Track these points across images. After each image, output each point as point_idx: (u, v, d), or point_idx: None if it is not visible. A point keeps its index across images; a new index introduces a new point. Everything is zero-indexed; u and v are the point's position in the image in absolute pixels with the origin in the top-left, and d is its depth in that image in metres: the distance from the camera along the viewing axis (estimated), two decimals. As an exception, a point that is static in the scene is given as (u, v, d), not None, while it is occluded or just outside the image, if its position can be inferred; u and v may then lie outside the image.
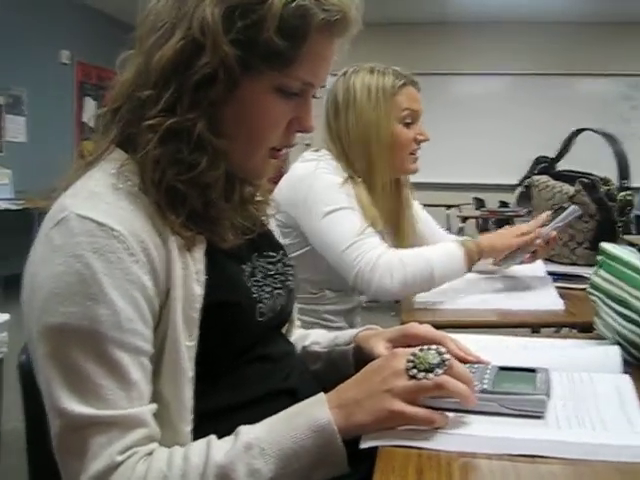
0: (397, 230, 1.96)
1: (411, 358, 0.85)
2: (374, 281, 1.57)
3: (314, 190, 1.71)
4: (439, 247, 1.67)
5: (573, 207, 1.71)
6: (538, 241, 1.72)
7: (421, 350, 0.86)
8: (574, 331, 1.89)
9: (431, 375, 0.82)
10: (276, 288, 1.05)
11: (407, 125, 1.85)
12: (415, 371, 0.83)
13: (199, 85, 0.88)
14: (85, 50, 7.70)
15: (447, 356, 0.85)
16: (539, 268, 1.90)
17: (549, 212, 1.83)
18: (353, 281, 1.62)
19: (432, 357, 0.84)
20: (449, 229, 3.01)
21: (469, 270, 1.66)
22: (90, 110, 7.84)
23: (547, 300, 1.66)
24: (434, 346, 0.87)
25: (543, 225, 1.76)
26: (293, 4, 0.87)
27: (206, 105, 0.89)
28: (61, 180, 0.93)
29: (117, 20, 7.65)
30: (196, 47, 0.87)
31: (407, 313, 1.58)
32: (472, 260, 1.64)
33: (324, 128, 1.89)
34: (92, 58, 7.76)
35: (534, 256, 1.78)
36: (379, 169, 1.81)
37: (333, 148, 1.85)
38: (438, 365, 0.83)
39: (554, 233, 1.75)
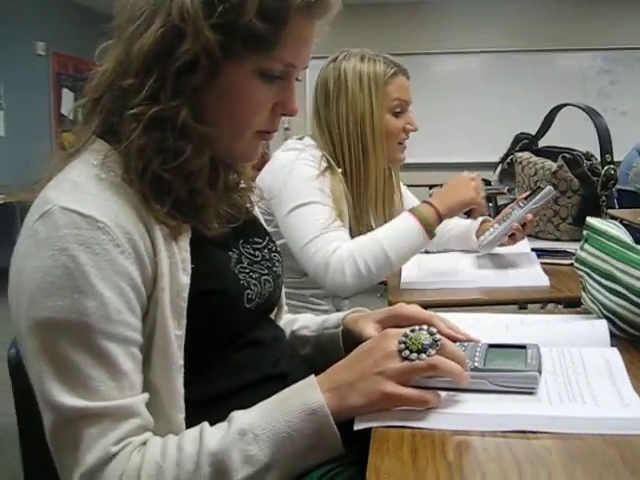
0: (390, 217, 1.96)
1: (403, 339, 0.85)
2: (328, 279, 1.58)
3: (288, 182, 1.70)
4: (388, 225, 1.64)
5: (548, 188, 1.71)
6: (515, 225, 1.73)
7: (412, 331, 0.86)
8: (560, 306, 1.91)
9: (424, 355, 0.83)
10: (263, 274, 1.05)
11: (397, 115, 1.86)
12: (407, 352, 0.83)
13: (181, 72, 0.87)
14: (61, 41, 7.62)
15: (439, 336, 0.85)
16: (523, 245, 1.90)
17: (522, 195, 1.84)
18: (313, 279, 1.63)
19: (424, 337, 0.84)
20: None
21: (432, 236, 1.60)
22: (68, 101, 7.77)
23: (532, 277, 1.67)
24: (425, 326, 0.87)
25: (518, 204, 1.78)
26: None
27: (189, 92, 0.89)
28: (43, 172, 0.93)
29: (92, 10, 7.56)
30: (177, 34, 0.86)
31: (394, 294, 1.59)
32: (430, 225, 1.59)
33: (312, 116, 1.89)
34: (68, 49, 7.69)
35: (514, 239, 1.79)
36: (373, 158, 1.82)
37: (319, 136, 1.85)
38: (430, 345, 0.83)
39: (530, 216, 1.76)
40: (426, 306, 1.09)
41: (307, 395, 0.83)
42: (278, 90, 0.95)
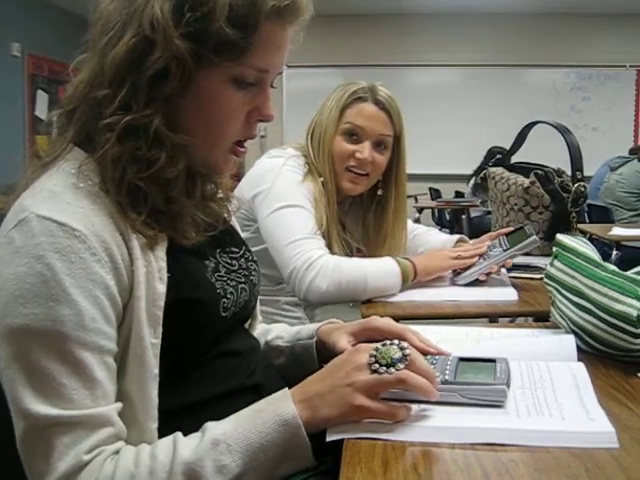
0: (388, 232, 1.98)
1: (373, 353, 0.86)
2: (308, 279, 1.59)
3: (275, 185, 1.74)
4: (377, 261, 1.69)
5: (534, 238, 1.72)
6: (495, 268, 1.76)
7: (383, 345, 0.87)
8: (530, 320, 1.93)
9: (392, 369, 0.84)
10: (240, 282, 1.05)
11: (351, 139, 1.86)
12: (377, 366, 0.85)
13: (153, 81, 0.88)
14: (36, 42, 7.54)
15: (408, 351, 0.86)
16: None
17: (504, 230, 1.86)
18: (287, 277, 1.65)
19: (394, 352, 0.86)
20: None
21: (402, 289, 1.68)
22: (43, 103, 7.69)
23: (501, 292, 1.69)
24: (396, 341, 0.88)
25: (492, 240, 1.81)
26: None
27: (162, 100, 0.89)
28: (19, 180, 0.93)
29: (68, 12, 7.51)
30: (148, 43, 0.87)
31: (367, 306, 1.60)
32: (406, 279, 1.67)
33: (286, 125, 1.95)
34: (43, 50, 7.61)
35: (489, 275, 1.79)
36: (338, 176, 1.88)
37: (306, 145, 1.90)
38: (400, 360, 0.85)
39: (510, 261, 1.78)
40: (398, 318, 1.11)
41: (280, 406, 0.84)
42: (252, 97, 0.96)
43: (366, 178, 1.90)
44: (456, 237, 2.05)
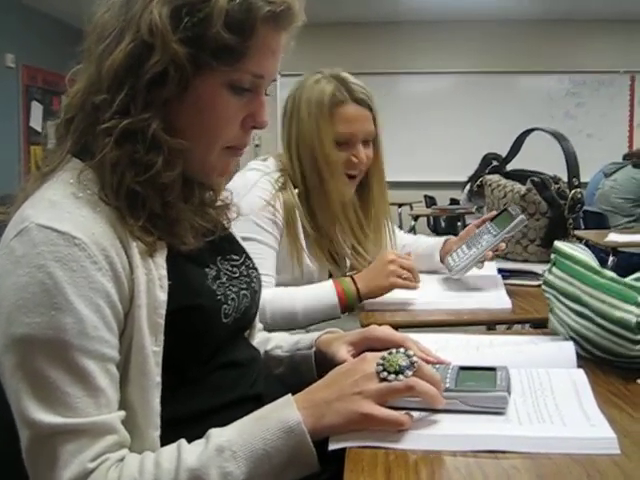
0: (359, 246, 1.92)
1: (381, 361, 0.87)
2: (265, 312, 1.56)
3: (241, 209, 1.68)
4: (311, 289, 1.66)
5: (521, 217, 1.72)
6: (489, 254, 1.75)
7: (390, 353, 0.88)
8: (526, 327, 1.94)
9: (401, 377, 0.84)
10: (242, 289, 1.06)
11: (342, 145, 1.81)
12: (385, 374, 0.85)
13: (151, 85, 0.89)
14: (30, 53, 7.53)
15: (415, 358, 0.87)
16: (490, 267, 1.91)
17: (488, 216, 1.85)
18: None
19: (401, 359, 0.86)
20: (401, 227, 3.04)
21: (350, 311, 1.65)
22: (37, 114, 7.69)
23: (495, 300, 1.68)
24: (402, 349, 0.89)
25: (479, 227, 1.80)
26: None
27: (159, 105, 0.90)
28: (18, 191, 0.93)
29: (62, 23, 7.51)
30: (146, 48, 0.88)
31: (365, 315, 1.60)
32: (351, 302, 1.64)
33: (280, 133, 1.89)
34: (38, 61, 7.61)
35: (482, 262, 1.78)
36: (332, 183, 1.80)
37: (285, 155, 1.85)
38: (407, 367, 0.85)
39: (503, 245, 1.78)
40: (397, 327, 1.11)
41: (284, 413, 0.84)
42: (247, 102, 0.97)
43: (358, 175, 1.88)
44: (443, 239, 2.03)
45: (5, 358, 0.81)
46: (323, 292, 1.65)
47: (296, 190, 1.79)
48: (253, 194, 1.73)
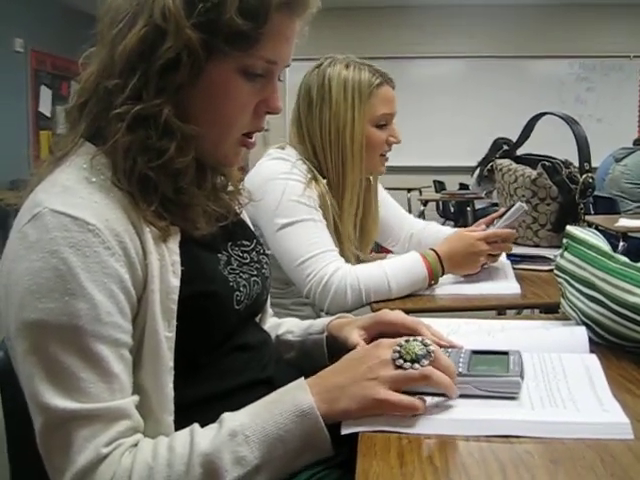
0: (363, 226, 1.96)
1: (397, 349, 0.86)
2: (327, 300, 1.58)
3: (278, 199, 1.67)
4: (399, 261, 1.66)
5: (519, 204, 1.72)
6: (509, 246, 1.74)
7: (407, 341, 0.87)
8: (536, 312, 1.93)
9: (417, 365, 0.84)
10: (252, 275, 1.06)
11: (380, 127, 1.83)
12: (402, 361, 0.85)
13: (164, 70, 0.89)
14: (39, 38, 7.54)
15: (432, 347, 0.87)
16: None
17: (497, 214, 1.84)
18: (306, 296, 1.63)
19: (418, 348, 0.86)
20: (410, 212, 3.03)
21: (432, 283, 1.65)
22: (46, 99, 7.70)
23: (504, 285, 1.69)
24: (419, 337, 0.89)
25: (488, 226, 1.80)
26: None
27: (172, 90, 0.90)
28: (31, 175, 0.93)
29: (71, 7, 7.51)
30: (159, 33, 0.88)
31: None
32: (437, 275, 1.65)
33: (292, 123, 1.86)
34: (46, 46, 7.62)
35: (494, 257, 1.78)
36: (351, 169, 1.80)
37: (299, 144, 1.83)
38: (424, 356, 0.85)
39: (508, 230, 1.76)
40: (407, 312, 1.10)
41: (297, 397, 0.84)
42: (260, 88, 0.97)
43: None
44: (454, 230, 2.01)
45: (17, 343, 0.82)
46: (411, 264, 1.64)
47: (324, 180, 1.80)
48: (294, 179, 1.72)
